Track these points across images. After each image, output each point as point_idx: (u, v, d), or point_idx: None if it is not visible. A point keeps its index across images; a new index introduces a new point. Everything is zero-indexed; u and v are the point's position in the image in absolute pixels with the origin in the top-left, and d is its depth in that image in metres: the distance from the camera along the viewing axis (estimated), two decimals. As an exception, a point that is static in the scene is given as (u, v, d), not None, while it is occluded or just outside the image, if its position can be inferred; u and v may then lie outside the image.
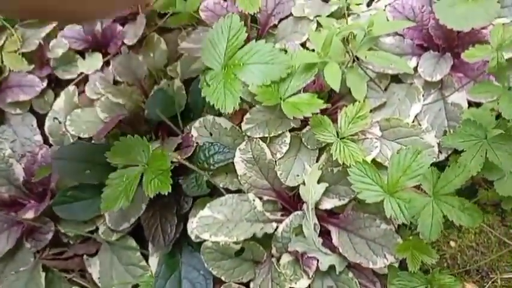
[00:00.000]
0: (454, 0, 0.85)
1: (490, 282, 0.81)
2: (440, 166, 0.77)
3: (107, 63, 1.12)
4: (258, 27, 1.06)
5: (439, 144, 0.85)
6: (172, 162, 0.83)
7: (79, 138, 1.02)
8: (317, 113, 0.82)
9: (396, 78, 0.93)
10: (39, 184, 0.98)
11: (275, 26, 1.06)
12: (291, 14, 1.04)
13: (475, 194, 0.86)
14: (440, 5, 0.86)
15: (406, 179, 0.74)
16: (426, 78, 0.89)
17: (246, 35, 0.84)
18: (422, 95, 0.90)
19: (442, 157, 0.85)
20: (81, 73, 1.12)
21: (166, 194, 0.77)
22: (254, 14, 1.03)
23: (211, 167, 0.87)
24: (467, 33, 0.88)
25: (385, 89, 0.92)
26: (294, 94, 0.84)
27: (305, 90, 0.86)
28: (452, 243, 0.85)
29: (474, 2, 0.84)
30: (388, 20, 0.95)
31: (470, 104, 0.88)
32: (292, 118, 0.84)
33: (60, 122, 1.06)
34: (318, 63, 0.83)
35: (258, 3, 0.98)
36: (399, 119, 0.87)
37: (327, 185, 0.83)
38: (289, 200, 0.88)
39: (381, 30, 0.89)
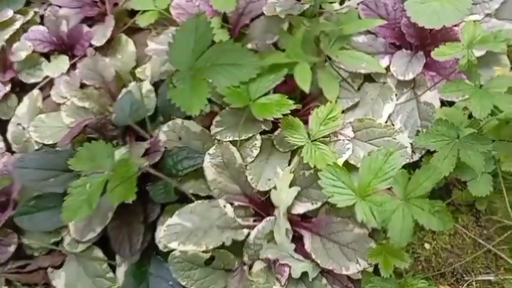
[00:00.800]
0: (425, -3, 0.84)
1: (465, 284, 0.79)
2: (414, 166, 0.76)
3: (73, 66, 1.08)
4: (230, 27, 1.03)
5: (412, 144, 0.83)
6: (140, 168, 0.80)
7: (43, 145, 0.99)
8: (288, 115, 0.80)
9: (369, 78, 0.92)
10: (1, 194, 0.95)
11: (247, 25, 1.03)
12: (262, 13, 1.01)
13: (449, 194, 0.85)
14: (411, 2, 0.84)
15: (377, 182, 0.72)
16: (399, 78, 0.88)
17: (214, 34, 0.81)
18: (395, 95, 0.88)
19: (416, 157, 0.84)
20: (47, 76, 1.08)
21: (132, 201, 0.74)
22: (225, 13, 1.01)
23: (180, 173, 0.84)
24: (439, 31, 0.87)
25: (358, 89, 0.90)
26: (264, 95, 0.82)
27: (276, 91, 0.84)
28: (426, 246, 0.83)
29: (445, -1, 0.83)
30: (360, 18, 0.93)
31: (444, 103, 0.86)
32: (262, 120, 0.81)
33: (23, 128, 1.02)
34: (287, 63, 0.80)
35: (234, 3, 0.94)
36: (372, 120, 0.85)
37: (299, 188, 0.81)
38: (261, 205, 0.86)
39: (352, 28, 0.88)
